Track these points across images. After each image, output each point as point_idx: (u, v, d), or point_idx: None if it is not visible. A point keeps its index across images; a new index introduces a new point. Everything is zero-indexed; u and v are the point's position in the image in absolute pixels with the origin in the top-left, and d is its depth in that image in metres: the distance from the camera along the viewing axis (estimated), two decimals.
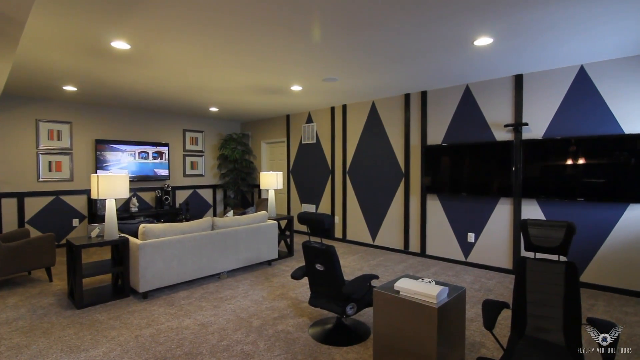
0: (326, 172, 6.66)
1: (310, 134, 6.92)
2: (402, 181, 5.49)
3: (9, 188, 5.49)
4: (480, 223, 4.71)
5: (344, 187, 6.32)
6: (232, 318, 3.15)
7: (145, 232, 3.62)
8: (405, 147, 5.44)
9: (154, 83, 4.71)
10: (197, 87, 4.98)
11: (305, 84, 4.80)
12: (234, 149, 7.93)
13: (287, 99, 5.79)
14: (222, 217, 4.49)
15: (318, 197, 6.82)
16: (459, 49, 3.48)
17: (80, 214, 6.20)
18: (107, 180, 3.50)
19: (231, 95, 5.55)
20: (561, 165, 4.00)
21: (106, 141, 6.36)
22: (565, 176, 3.98)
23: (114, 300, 3.55)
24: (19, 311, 3.29)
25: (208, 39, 3.14)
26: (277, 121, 7.72)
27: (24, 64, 3.78)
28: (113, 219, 3.62)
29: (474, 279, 4.26)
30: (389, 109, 5.66)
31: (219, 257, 4.17)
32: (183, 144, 7.60)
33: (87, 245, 3.41)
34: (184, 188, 7.58)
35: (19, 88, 4.95)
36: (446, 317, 2.17)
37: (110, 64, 3.84)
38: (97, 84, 4.71)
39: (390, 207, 5.65)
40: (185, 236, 3.87)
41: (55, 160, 5.96)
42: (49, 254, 4.09)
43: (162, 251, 3.67)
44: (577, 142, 3.89)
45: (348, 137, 6.27)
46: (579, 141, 3.87)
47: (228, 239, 4.26)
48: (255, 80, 4.60)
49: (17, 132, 5.56)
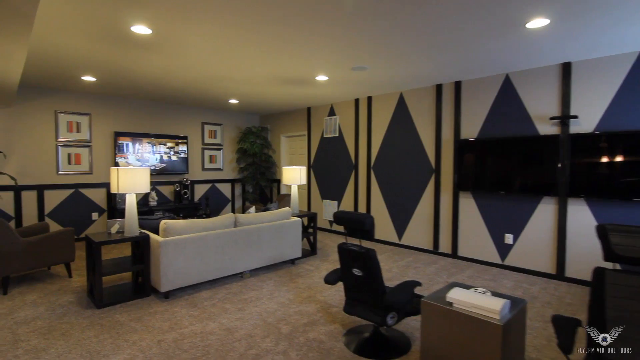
0: (349, 167, 6.39)
1: (333, 127, 6.65)
2: (433, 177, 5.18)
3: (29, 180, 5.42)
4: (519, 223, 4.38)
5: (368, 183, 6.04)
6: (259, 323, 2.94)
7: (167, 229, 3.44)
8: (436, 141, 5.12)
9: (174, 73, 4.52)
10: (218, 78, 4.77)
11: (332, 73, 4.52)
12: (253, 143, 7.73)
13: (310, 90, 5.53)
14: (245, 214, 4.29)
15: (340, 193, 6.57)
16: (507, 33, 3.15)
17: (100, 207, 6.11)
18: (127, 174, 3.32)
19: (252, 87, 5.32)
20: (616, 162, 3.63)
21: (125, 133, 6.24)
22: (620, 174, 3.61)
23: (135, 300, 3.39)
24: (37, 309, 3.16)
25: (231, 25, 2.90)
26: (298, 114, 7.47)
27: (41, 52, 3.62)
28: (133, 214, 3.45)
29: (515, 284, 3.95)
30: (418, 101, 5.34)
31: (242, 256, 3.98)
32: (202, 137, 7.43)
33: (107, 242, 3.25)
34: (202, 182, 7.43)
35: (37, 79, 4.84)
36: (510, 334, 1.90)
37: (130, 52, 3.65)
38: (116, 74, 4.55)
39: (419, 204, 5.35)
40: (207, 233, 3.68)
41: (74, 152, 5.86)
42: (69, 250, 3.96)
43: (184, 249, 3.48)
44: (635, 136, 3.51)
45: (373, 131, 5.98)
46: (638, 135, 3.50)
47: (251, 236, 4.06)
48: (278, 70, 4.35)
49: (37, 124, 5.47)
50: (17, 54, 2.68)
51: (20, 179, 5.32)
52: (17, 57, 2.75)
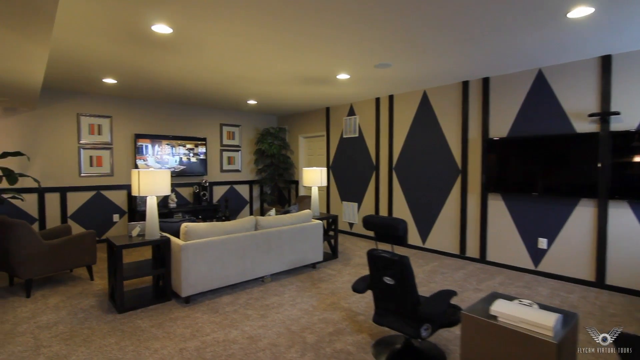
0: (370, 167, 6.22)
1: (352, 128, 6.50)
2: (459, 178, 4.97)
3: (52, 183, 5.48)
4: (554, 227, 4.12)
5: (390, 184, 5.86)
6: (282, 331, 2.82)
7: (188, 232, 3.37)
8: (462, 140, 4.90)
9: (194, 74, 4.46)
10: (238, 78, 4.69)
11: (354, 71, 4.38)
12: (271, 144, 7.65)
13: (330, 89, 5.40)
14: (265, 216, 4.19)
15: (360, 195, 6.40)
16: (546, 24, 2.94)
17: (121, 209, 6.14)
18: (148, 176, 3.26)
19: (271, 87, 5.23)
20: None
21: (145, 135, 6.25)
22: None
23: (156, 304, 3.33)
24: (59, 313, 3.13)
25: (253, 21, 2.80)
26: (316, 114, 7.35)
27: (62, 53, 3.61)
28: (154, 217, 3.39)
29: (551, 292, 3.71)
30: (443, 98, 5.14)
31: (263, 260, 3.87)
32: (220, 138, 7.40)
33: (128, 246, 3.20)
34: (221, 184, 7.40)
35: (60, 82, 4.87)
36: (563, 353, 1.72)
37: (151, 52, 3.60)
38: (137, 75, 4.53)
39: (444, 206, 5.14)
40: (228, 237, 3.59)
41: (96, 155, 5.90)
42: (90, 253, 3.94)
43: (205, 253, 3.40)
44: None
45: (395, 130, 5.80)
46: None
47: (272, 239, 3.95)
48: (299, 68, 4.24)
49: (60, 126, 5.53)
50: (39, 54, 2.64)
51: (43, 181, 5.38)
52: (38, 57, 2.72)
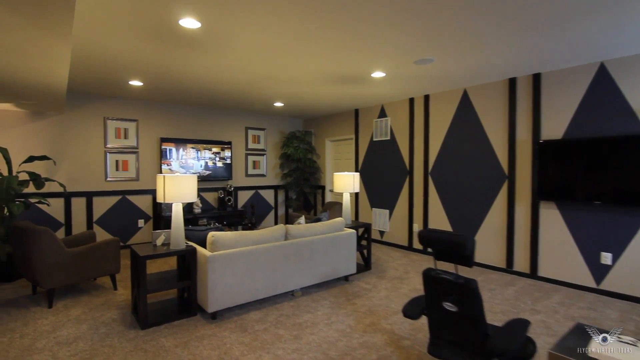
0: (403, 172, 5.85)
1: (384, 130, 6.16)
2: (505, 185, 4.53)
3: (79, 187, 5.41)
4: (620, 240, 3.64)
5: (425, 191, 5.47)
6: (319, 357, 2.51)
7: (215, 242, 3.12)
8: (509, 143, 4.47)
9: (221, 74, 4.26)
10: (265, 78, 4.45)
11: (391, 69, 4.06)
12: (297, 148, 7.40)
13: (361, 89, 5.09)
14: (295, 225, 3.91)
15: (392, 201, 6.04)
16: (613, 8, 2.53)
17: (146, 214, 6.02)
18: (174, 182, 3.04)
19: (300, 87, 4.98)
20: None
21: (170, 139, 6.13)
22: None
23: (181, 320, 3.09)
24: (80, 327, 2.94)
25: (284, 14, 2.54)
26: (344, 117, 7.05)
27: (87, 53, 3.47)
28: (180, 225, 3.17)
29: (620, 314, 3.23)
30: (486, 97, 4.72)
31: (294, 272, 3.58)
32: (245, 142, 7.22)
33: (152, 257, 2.98)
34: (246, 189, 7.20)
35: (86, 84, 4.79)
36: None
37: (177, 50, 3.41)
38: (163, 76, 4.37)
39: (488, 215, 4.71)
40: (257, 247, 3.32)
41: (122, 159, 5.81)
42: (114, 261, 3.77)
43: (233, 265, 3.15)
44: None
45: (431, 133, 5.42)
46: None
47: (303, 250, 3.66)
48: (331, 67, 3.96)
49: (87, 130, 5.47)
50: (61, 51, 2.47)
51: (70, 185, 5.32)
52: (61, 55, 2.55)
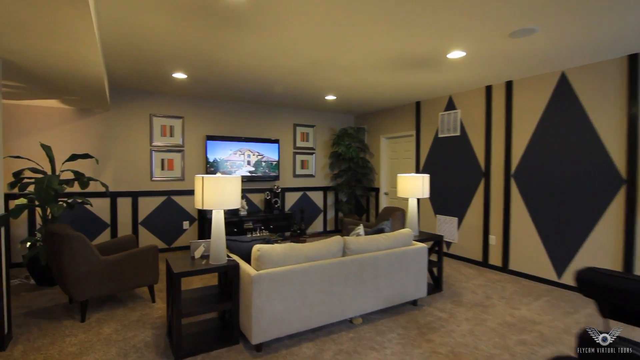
0: (476, 173, 4.98)
1: (452, 124, 5.32)
2: (621, 190, 3.54)
3: (125, 187, 5.22)
4: None
5: (506, 196, 4.57)
6: None
7: (261, 258, 2.58)
8: (628, 138, 3.48)
9: (268, 61, 3.74)
10: (318, 64, 3.87)
11: (475, 45, 3.27)
12: (349, 146, 6.76)
13: (429, 76, 4.33)
14: (353, 236, 3.28)
15: (462, 208, 5.18)
16: None
17: (191, 216, 5.73)
18: (214, 185, 2.55)
19: (356, 75, 4.33)
20: None
21: (216, 137, 5.79)
22: None
23: (220, 349, 2.59)
24: (109, 352, 2.54)
25: None
26: (403, 111, 6.28)
27: (118, 36, 3.11)
28: (220, 236, 2.67)
29: None
30: (594, 81, 3.75)
31: (353, 295, 2.95)
32: (293, 140, 6.72)
33: (188, 274, 2.51)
34: (293, 190, 6.70)
35: (129, 79, 4.52)
36: None
37: (220, 31, 2.92)
38: (206, 65, 3.95)
39: (596, 228, 3.73)
40: (310, 265, 2.74)
41: (167, 158, 5.56)
42: (152, 271, 3.40)
43: (282, 286, 2.58)
44: None
45: (515, 127, 4.50)
46: None
47: (365, 268, 3.01)
48: (399, 46, 3.27)
49: (133, 128, 5.26)
50: (83, 27, 2.05)
51: (116, 185, 5.14)
52: (85, 33, 2.14)
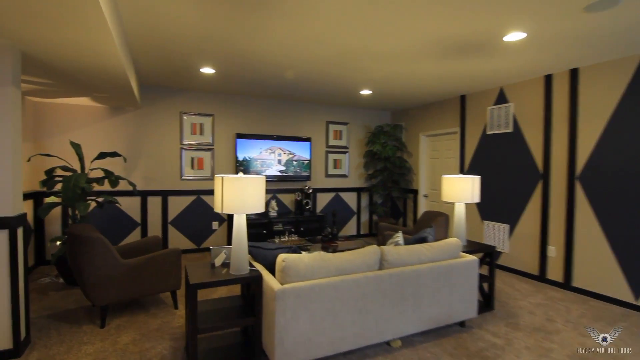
0: (533, 175, 4.40)
1: (503, 120, 4.75)
2: None
3: (155, 185, 5.15)
4: None
5: (570, 201, 3.97)
6: None
7: (286, 269, 2.28)
8: None
9: (300, 51, 3.44)
10: (354, 52, 3.50)
11: (539, 24, 2.77)
12: (385, 144, 6.33)
13: (478, 65, 3.83)
14: (391, 246, 2.90)
15: (515, 214, 4.61)
16: None
17: (220, 216, 5.58)
18: (235, 186, 2.27)
19: (396, 66, 3.92)
20: None
21: (246, 135, 5.59)
22: None
23: None
24: None
25: None
26: (446, 106, 5.76)
27: (146, 31, 2.92)
28: (242, 245, 2.39)
29: None
30: None
31: (391, 315, 2.57)
32: (326, 138, 6.39)
33: (205, 285, 2.25)
34: (325, 190, 6.38)
35: (157, 75, 4.40)
36: None
37: (248, 19, 2.65)
38: (234, 58, 3.71)
39: None
40: (342, 279, 2.39)
41: (197, 156, 5.44)
42: (174, 276, 3.21)
43: (310, 303, 2.26)
44: None
45: (581, 122, 3.90)
46: None
47: (405, 284, 2.62)
48: (446, 28, 2.84)
49: (163, 126, 5.18)
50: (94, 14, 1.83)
51: (146, 183, 5.08)
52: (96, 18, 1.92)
